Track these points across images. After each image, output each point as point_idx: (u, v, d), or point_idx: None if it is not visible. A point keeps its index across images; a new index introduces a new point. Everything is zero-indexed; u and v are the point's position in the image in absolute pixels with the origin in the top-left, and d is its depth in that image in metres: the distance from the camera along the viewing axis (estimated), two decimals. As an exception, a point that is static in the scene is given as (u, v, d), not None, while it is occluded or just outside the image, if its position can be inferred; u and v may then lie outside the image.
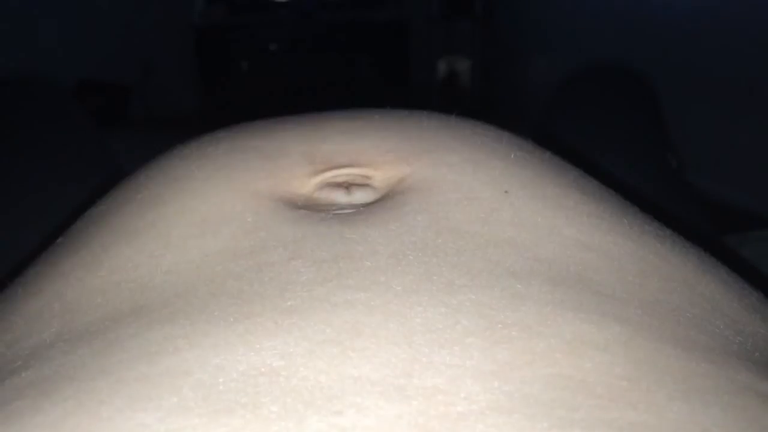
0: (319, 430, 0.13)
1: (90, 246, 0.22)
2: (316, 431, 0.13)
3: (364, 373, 0.15)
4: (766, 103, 1.55)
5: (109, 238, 0.22)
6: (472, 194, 0.22)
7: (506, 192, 0.22)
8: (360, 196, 0.23)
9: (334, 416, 0.14)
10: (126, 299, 0.19)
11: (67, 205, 0.41)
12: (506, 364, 0.15)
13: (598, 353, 0.16)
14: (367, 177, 0.24)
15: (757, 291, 0.23)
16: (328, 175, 0.24)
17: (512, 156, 0.24)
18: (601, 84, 0.71)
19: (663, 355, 0.16)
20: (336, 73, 2.66)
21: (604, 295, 0.18)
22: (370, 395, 0.14)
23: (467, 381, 0.15)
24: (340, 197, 0.23)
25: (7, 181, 0.51)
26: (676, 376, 0.15)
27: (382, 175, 0.24)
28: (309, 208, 0.22)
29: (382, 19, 2.72)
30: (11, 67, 1.63)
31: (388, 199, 0.22)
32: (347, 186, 0.23)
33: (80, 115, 0.61)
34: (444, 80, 2.81)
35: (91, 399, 0.14)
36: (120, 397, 0.14)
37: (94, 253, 0.22)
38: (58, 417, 0.14)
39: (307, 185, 0.23)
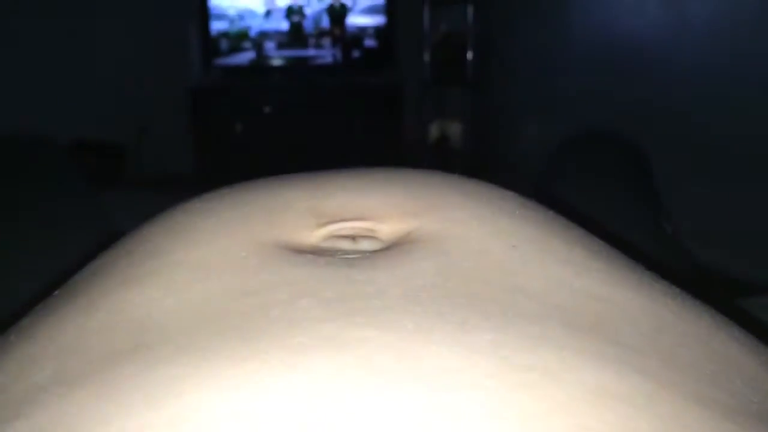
0: None
1: (88, 293, 0.22)
2: None
3: (376, 418, 0.14)
4: (760, 171, 1.57)
5: (108, 284, 0.22)
6: (481, 246, 0.22)
7: (514, 246, 0.22)
8: (366, 245, 0.23)
9: None
10: (125, 339, 0.18)
11: (61, 261, 0.40)
12: (526, 411, 0.15)
13: (622, 406, 0.15)
14: (373, 230, 0.24)
15: None
16: (334, 228, 0.23)
17: (517, 213, 0.24)
18: (595, 151, 0.71)
19: (687, 413, 0.16)
20: (329, 135, 2.69)
21: (622, 345, 0.18)
22: None
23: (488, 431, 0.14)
24: (345, 245, 0.23)
25: (1, 236, 0.50)
26: None
27: (388, 229, 0.23)
28: (315, 253, 0.22)
29: (376, 84, 2.78)
30: (9, 125, 1.63)
31: (394, 247, 0.22)
32: (353, 237, 0.23)
33: (74, 173, 0.62)
34: (436, 142, 2.85)
35: None
36: None
37: (92, 299, 0.21)
38: None
39: (312, 236, 0.23)
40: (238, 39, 2.72)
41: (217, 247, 0.22)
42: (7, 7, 2.35)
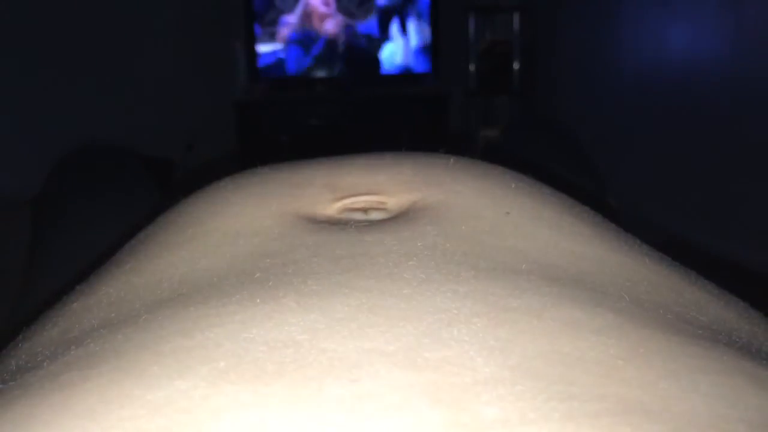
0: (338, 395, 0.15)
1: (137, 257, 0.25)
2: (335, 396, 0.15)
3: (379, 345, 0.16)
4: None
5: (153, 249, 0.25)
6: (477, 213, 0.24)
7: (508, 213, 0.24)
8: (376, 216, 0.26)
9: (351, 383, 0.15)
10: (165, 291, 0.21)
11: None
12: (509, 341, 0.16)
13: (593, 335, 0.17)
14: (383, 203, 0.26)
15: (743, 302, 0.24)
16: (348, 201, 0.26)
17: (513, 186, 0.27)
18: (539, 138, 0.81)
19: (654, 339, 0.17)
20: (375, 146, 2.69)
21: (599, 292, 0.20)
22: (384, 365, 0.15)
23: (474, 355, 0.16)
24: (358, 217, 0.26)
25: (85, 220, 0.58)
26: (667, 357, 0.16)
27: (396, 201, 0.26)
28: (330, 222, 0.25)
29: (421, 95, 2.77)
30: (64, 139, 1.68)
31: (401, 216, 0.25)
32: (365, 210, 0.26)
33: (144, 175, 0.69)
34: (482, 151, 2.83)
35: (134, 368, 0.16)
36: (159, 366, 0.16)
37: (140, 261, 0.25)
38: (105, 384, 0.16)
39: (329, 209, 0.26)
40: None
41: (245, 217, 0.25)
42: (57, 25, 2.42)
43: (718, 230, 1.75)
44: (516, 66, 2.78)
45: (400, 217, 0.25)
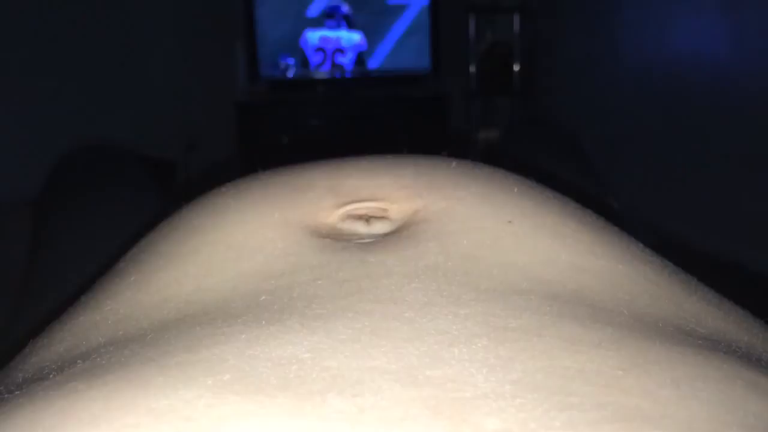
0: (340, 408, 0.15)
1: (141, 269, 0.25)
2: (337, 409, 0.15)
3: (381, 364, 0.17)
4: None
5: (158, 261, 0.25)
6: (479, 224, 0.24)
7: (509, 222, 0.25)
8: (378, 227, 0.26)
9: (353, 397, 0.15)
10: (172, 311, 0.22)
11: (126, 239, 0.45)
12: (509, 358, 0.17)
13: (593, 348, 0.17)
14: (385, 210, 0.26)
15: (743, 309, 0.25)
16: (350, 208, 0.26)
17: (515, 191, 0.27)
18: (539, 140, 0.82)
19: (653, 349, 0.17)
20: (375, 147, 2.68)
21: (598, 308, 0.20)
22: (386, 382, 0.16)
23: (474, 372, 0.16)
24: (360, 228, 0.26)
25: (87, 223, 0.58)
26: (666, 366, 0.17)
27: (398, 208, 0.26)
28: (333, 237, 0.25)
29: (421, 95, 2.76)
30: (66, 139, 1.68)
31: (403, 229, 0.25)
32: (367, 218, 0.26)
33: (145, 176, 0.69)
34: (482, 152, 2.83)
35: (138, 378, 0.16)
36: (164, 377, 0.16)
37: (145, 275, 0.25)
38: (109, 392, 0.16)
39: (331, 216, 0.26)
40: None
41: (248, 228, 0.25)
42: (58, 25, 2.42)
43: (718, 230, 1.75)
44: (516, 66, 2.78)
45: (402, 232, 0.25)
